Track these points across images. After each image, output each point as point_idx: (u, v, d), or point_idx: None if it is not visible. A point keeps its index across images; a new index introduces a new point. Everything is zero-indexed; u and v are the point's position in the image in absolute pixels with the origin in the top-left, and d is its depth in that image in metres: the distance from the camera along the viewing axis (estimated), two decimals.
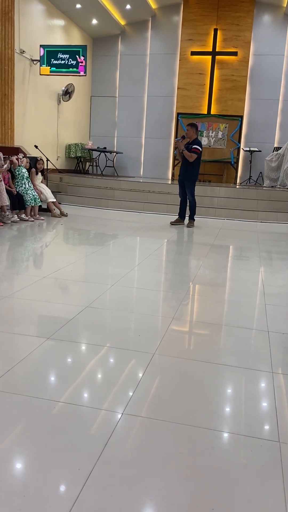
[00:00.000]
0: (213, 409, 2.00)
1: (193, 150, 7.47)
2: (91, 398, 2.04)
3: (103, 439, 1.72)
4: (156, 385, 2.18)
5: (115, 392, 2.08)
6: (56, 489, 1.45)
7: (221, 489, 1.50)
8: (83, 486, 1.46)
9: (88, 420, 1.85)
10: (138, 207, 9.64)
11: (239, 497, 1.47)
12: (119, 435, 1.75)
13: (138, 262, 4.93)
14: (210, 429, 1.84)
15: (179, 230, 7.45)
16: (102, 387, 2.14)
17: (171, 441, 1.75)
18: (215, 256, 5.59)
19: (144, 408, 1.96)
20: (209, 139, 12.58)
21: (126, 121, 13.47)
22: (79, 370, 2.30)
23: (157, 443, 1.73)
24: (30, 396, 2.00)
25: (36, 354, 2.44)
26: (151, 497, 1.45)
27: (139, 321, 3.11)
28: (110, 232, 7.15)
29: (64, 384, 2.14)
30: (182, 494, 1.47)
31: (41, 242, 6.11)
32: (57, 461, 1.58)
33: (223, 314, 3.40)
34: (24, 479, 1.49)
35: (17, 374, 2.20)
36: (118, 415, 1.89)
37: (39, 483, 1.47)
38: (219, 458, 1.66)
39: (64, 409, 1.92)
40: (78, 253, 5.48)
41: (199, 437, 1.78)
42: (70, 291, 3.79)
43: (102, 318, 3.12)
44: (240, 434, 1.82)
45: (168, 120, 13.16)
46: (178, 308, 3.42)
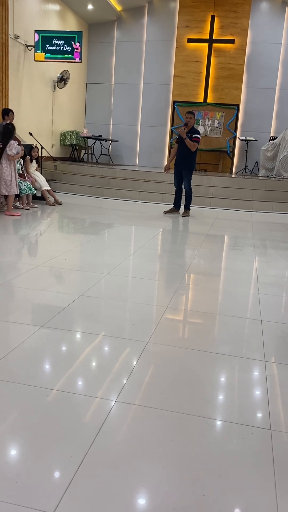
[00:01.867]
0: (206, 397, 2.02)
1: (194, 139, 7.42)
2: (84, 386, 2.04)
3: (96, 427, 1.73)
4: (150, 373, 2.19)
5: (108, 380, 2.09)
6: (49, 476, 1.46)
7: (213, 476, 1.52)
8: (75, 473, 1.47)
9: (81, 408, 1.86)
10: (134, 196, 9.61)
11: (230, 484, 1.49)
12: (112, 422, 1.76)
13: (133, 251, 4.93)
14: (203, 417, 1.86)
15: (174, 219, 7.44)
16: (95, 375, 2.15)
17: (164, 428, 1.76)
18: (210, 245, 5.59)
19: (137, 396, 1.97)
20: (205, 128, 12.52)
21: (122, 109, 13.36)
22: (73, 358, 2.31)
23: (150, 431, 1.74)
24: (24, 383, 2.00)
25: (30, 342, 2.44)
26: (143, 484, 1.46)
27: (133, 310, 3.12)
28: (105, 221, 7.13)
29: (58, 372, 2.14)
30: (174, 480, 1.48)
31: (35, 230, 6.09)
32: (49, 448, 1.59)
33: (217, 304, 3.41)
34: (16, 466, 1.50)
35: (11, 362, 2.20)
36: (111, 403, 1.90)
37: (32, 470, 1.48)
38: (211, 446, 1.68)
39: (57, 397, 1.92)
40: (73, 242, 5.46)
41: (192, 425, 1.80)
42: (65, 280, 3.79)
43: (96, 306, 3.12)
44: (232, 422, 1.83)
45: (164, 108, 13.06)
46: (172, 297, 3.42)
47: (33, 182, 7.69)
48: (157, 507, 1.37)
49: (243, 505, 1.40)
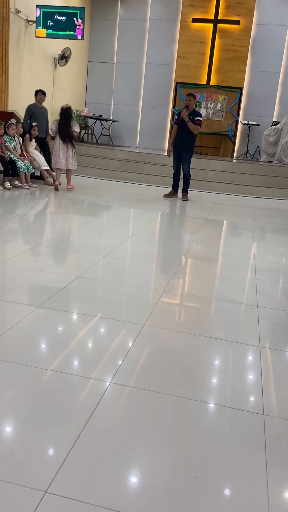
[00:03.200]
0: (200, 381, 2.03)
1: (196, 122, 7.32)
2: (79, 366, 2.05)
3: (91, 407, 1.74)
4: (145, 356, 2.20)
5: (104, 362, 2.10)
6: (42, 455, 1.47)
7: (205, 458, 1.53)
8: (69, 452, 1.49)
9: (76, 388, 1.87)
10: (133, 178, 9.53)
11: (222, 466, 1.51)
12: (106, 403, 1.78)
13: (131, 234, 4.91)
14: (196, 400, 1.87)
15: (172, 203, 7.40)
16: (91, 356, 2.16)
17: (157, 411, 1.77)
18: (208, 230, 5.57)
19: (132, 378, 1.98)
20: (208, 111, 12.38)
21: (123, 89, 13.17)
22: (68, 339, 2.31)
23: (144, 413, 1.75)
24: (19, 363, 2.01)
25: (26, 322, 2.44)
26: (135, 464, 1.48)
27: (130, 292, 3.12)
28: (104, 202, 7.09)
29: (54, 352, 2.15)
30: (167, 462, 1.50)
31: (33, 210, 6.05)
32: (44, 428, 1.60)
33: (214, 288, 3.42)
34: (10, 445, 1.51)
35: (6, 341, 2.20)
36: (106, 384, 1.91)
37: (26, 449, 1.49)
38: (204, 429, 1.69)
39: (52, 377, 1.93)
40: (71, 223, 5.44)
41: (185, 408, 1.81)
42: (62, 261, 3.78)
43: (93, 288, 3.11)
44: (225, 406, 1.85)
45: (167, 89, 12.89)
46: (169, 281, 3.42)
47: (32, 161, 7.61)
48: (149, 487, 1.39)
49: (235, 488, 1.42)
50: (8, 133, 7.18)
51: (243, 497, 1.38)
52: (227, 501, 1.37)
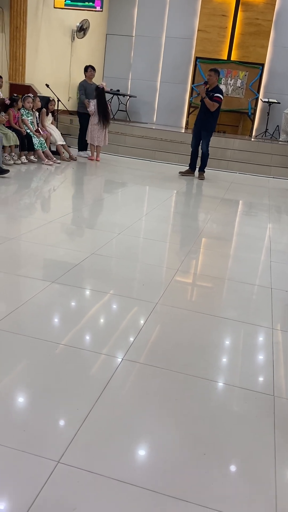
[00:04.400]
0: (211, 360, 2.04)
1: (215, 99, 7.15)
2: (92, 342, 2.08)
3: (103, 382, 1.77)
4: (157, 334, 2.22)
5: (116, 338, 2.12)
6: (55, 426, 1.51)
7: (214, 436, 1.56)
8: (81, 425, 1.52)
9: (89, 363, 1.90)
10: (149, 155, 9.44)
11: (231, 445, 1.53)
12: (118, 379, 1.81)
13: (146, 212, 4.90)
14: (207, 379, 1.89)
15: (189, 181, 7.33)
16: (104, 332, 2.19)
17: (168, 388, 1.80)
18: (224, 210, 5.53)
19: (144, 355, 2.00)
20: (227, 87, 12.11)
21: (142, 63, 12.92)
22: (82, 314, 2.34)
23: (155, 390, 1.78)
24: (33, 337, 2.05)
25: (41, 296, 2.47)
26: (145, 439, 1.51)
27: (144, 270, 3.13)
28: (119, 179, 7.05)
29: (67, 327, 2.18)
30: (176, 438, 1.53)
31: (48, 185, 6.06)
32: (57, 400, 1.64)
33: (228, 269, 3.41)
34: (24, 416, 1.55)
35: (21, 315, 2.24)
36: (118, 360, 1.93)
37: (39, 420, 1.53)
38: (214, 408, 1.71)
39: (65, 351, 1.97)
40: (86, 200, 5.44)
41: (196, 386, 1.83)
42: (76, 237, 3.80)
43: (107, 265, 3.13)
44: (235, 386, 1.86)
45: (186, 65, 12.61)
46: (183, 260, 3.42)
47: (48, 136, 7.57)
48: (157, 462, 1.42)
49: (242, 466, 1.45)
50: (25, 107, 7.13)
51: (251, 475, 1.41)
52: (235, 478, 1.39)
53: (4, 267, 2.85)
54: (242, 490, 1.34)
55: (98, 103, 7.90)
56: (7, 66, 9.10)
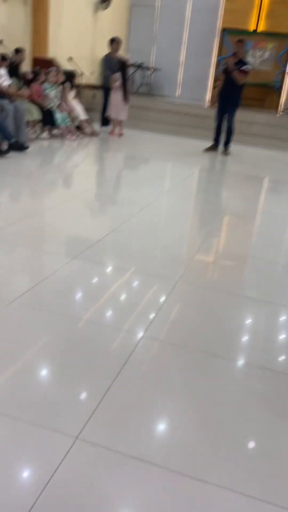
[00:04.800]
0: (231, 340, 2.02)
1: (242, 72, 6.92)
2: (112, 318, 2.07)
3: (122, 359, 1.76)
4: (177, 312, 2.20)
5: (136, 315, 2.11)
6: (75, 402, 1.52)
7: (233, 418, 1.54)
8: (100, 401, 1.52)
9: (109, 340, 1.89)
10: (172, 130, 9.27)
11: (250, 427, 1.51)
12: (137, 356, 1.80)
13: (168, 189, 4.83)
14: (227, 358, 1.86)
15: (212, 157, 7.19)
16: (124, 309, 2.18)
17: (188, 367, 1.78)
18: (248, 186, 5.41)
19: (164, 333, 1.99)
20: (255, 60, 11.72)
21: (166, 35, 12.58)
22: (102, 291, 2.33)
23: (175, 368, 1.76)
24: (54, 312, 2.05)
25: (62, 272, 2.47)
26: (163, 418, 1.51)
27: (165, 248, 3.09)
28: (141, 155, 6.96)
29: (87, 303, 2.18)
30: (194, 419, 1.52)
31: (71, 161, 6.02)
32: (77, 376, 1.65)
33: (251, 247, 3.34)
34: (44, 390, 1.56)
35: (42, 290, 2.24)
36: (138, 337, 1.92)
37: (58, 395, 1.54)
38: (234, 388, 1.69)
39: (86, 327, 1.97)
40: (107, 175, 5.39)
41: (215, 366, 1.81)
42: (97, 214, 3.77)
43: (128, 242, 3.11)
44: (256, 366, 1.84)
45: (211, 36, 12.22)
46: (205, 237, 3.37)
47: (70, 111, 7.49)
48: (173, 440, 1.41)
49: (261, 447, 1.43)
50: (48, 81, 7.05)
51: (269, 456, 1.39)
52: (252, 458, 1.38)
53: (25, 242, 2.86)
54: (261, 469, 1.33)
55: (122, 76, 7.80)
56: (30, 39, 8.98)
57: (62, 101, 7.40)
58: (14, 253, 2.71)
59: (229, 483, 1.27)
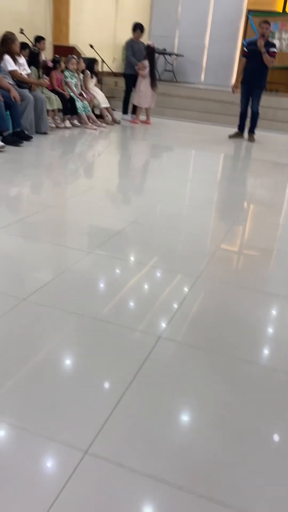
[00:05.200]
0: (254, 342, 1.88)
1: (271, 54, 6.65)
2: (129, 316, 1.97)
3: (138, 362, 1.66)
4: (198, 310, 2.07)
5: (155, 313, 2.00)
6: (87, 410, 1.42)
7: (253, 423, 1.42)
8: (113, 410, 1.42)
9: (126, 338, 1.79)
10: (197, 116, 9.05)
11: (272, 431, 1.39)
12: (154, 360, 1.69)
13: (191, 177, 4.67)
14: (248, 361, 1.74)
15: (238, 144, 6.96)
16: (142, 305, 2.06)
17: (208, 369, 1.66)
18: (275, 174, 5.20)
19: (184, 333, 1.87)
20: (281, 42, 11.31)
21: (189, 20, 12.26)
22: (120, 286, 2.22)
23: (195, 369, 1.65)
24: (70, 308, 1.96)
25: (81, 265, 2.38)
26: (181, 431, 1.40)
27: (186, 241, 2.96)
28: (164, 143, 6.79)
29: (105, 299, 2.08)
30: (211, 424, 1.40)
31: (92, 150, 5.91)
32: (99, 370, 1.55)
33: (277, 239, 3.18)
34: (69, 383, 1.47)
35: (61, 284, 2.15)
36: (157, 336, 1.81)
37: (83, 388, 1.44)
38: (255, 393, 1.57)
39: (102, 324, 1.87)
40: (129, 165, 5.27)
41: (236, 369, 1.69)
42: (117, 204, 3.66)
43: (148, 234, 2.99)
44: (280, 371, 1.70)
45: (236, 19, 11.84)
46: (229, 229, 3.22)
47: (91, 99, 7.37)
48: (194, 457, 1.30)
49: (282, 454, 1.31)
50: (69, 69, 6.93)
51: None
52: (277, 464, 1.26)
53: (44, 234, 2.78)
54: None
55: (150, 63, 7.64)
56: (50, 27, 8.87)
57: (83, 89, 7.29)
58: (33, 244, 2.63)
59: (254, 505, 1.15)
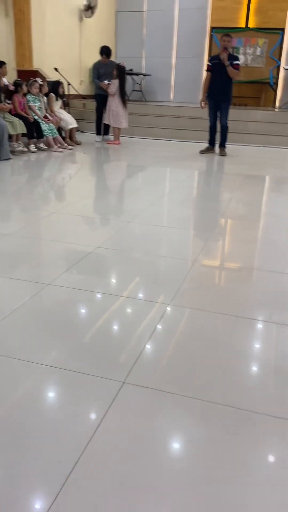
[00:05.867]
0: (236, 381, 1.64)
1: (235, 67, 6.59)
2: (87, 361, 1.70)
3: (103, 408, 1.39)
4: (169, 344, 1.82)
5: (115, 358, 1.74)
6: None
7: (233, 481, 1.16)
8: (62, 485, 1.15)
9: (84, 389, 1.53)
10: (167, 134, 8.94)
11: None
12: (116, 410, 1.42)
13: (162, 196, 4.47)
14: (231, 406, 1.48)
15: (209, 159, 6.83)
16: (104, 348, 1.80)
17: (185, 417, 1.41)
18: (248, 187, 5.04)
19: (152, 379, 1.61)
20: (246, 57, 11.39)
21: (155, 39, 12.31)
22: (79, 324, 1.96)
23: (165, 417, 1.39)
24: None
25: (33, 302, 2.11)
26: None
27: (156, 264, 2.72)
28: (135, 162, 6.62)
29: (56, 342, 1.81)
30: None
31: (57, 173, 5.69)
32: (57, 425, 1.27)
33: (255, 256, 2.96)
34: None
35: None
36: (118, 385, 1.55)
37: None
38: (242, 442, 1.31)
39: (53, 370, 1.60)
40: (98, 186, 5.05)
41: (217, 415, 1.43)
42: (81, 229, 3.41)
43: (113, 260, 2.74)
44: (268, 415, 1.45)
45: (201, 37, 11.92)
46: (202, 249, 2.99)
47: (57, 122, 7.18)
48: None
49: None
50: (32, 92, 6.75)
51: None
52: None
53: (15, 256, 2.51)
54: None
55: (120, 83, 7.51)
56: (13, 52, 8.72)
57: (48, 112, 7.10)
58: (2, 267, 2.35)
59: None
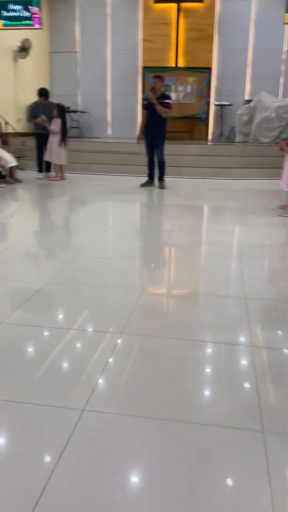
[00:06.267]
0: (190, 397, 1.75)
1: (165, 105, 6.99)
2: (49, 396, 1.76)
3: (61, 442, 1.45)
4: (123, 373, 1.92)
5: (72, 384, 1.81)
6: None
7: (195, 486, 1.27)
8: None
9: (42, 422, 1.58)
10: (107, 169, 9.19)
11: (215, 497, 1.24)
12: (78, 439, 1.49)
13: (106, 229, 4.61)
14: (190, 422, 1.60)
15: (149, 192, 7.10)
16: (59, 383, 1.87)
17: (144, 435, 1.50)
18: (188, 218, 5.30)
19: (112, 404, 1.70)
20: (178, 94, 12.03)
21: (90, 78, 12.72)
22: (31, 361, 2.01)
23: (124, 444, 1.47)
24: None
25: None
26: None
27: (105, 296, 2.83)
28: (78, 197, 6.75)
29: (18, 381, 1.85)
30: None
31: (1, 211, 5.69)
32: (19, 459, 1.31)
33: (199, 282, 3.15)
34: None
35: None
36: (77, 416, 1.62)
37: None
38: (197, 454, 1.42)
39: (9, 407, 1.64)
40: (44, 222, 5.11)
41: (174, 431, 1.54)
42: (27, 266, 3.46)
43: (64, 295, 2.81)
44: (220, 426, 1.58)
45: (134, 75, 12.48)
46: (149, 277, 3.14)
47: None
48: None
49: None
50: None
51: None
52: None
53: None
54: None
55: (62, 122, 7.82)
56: None
57: None
58: None
59: None
